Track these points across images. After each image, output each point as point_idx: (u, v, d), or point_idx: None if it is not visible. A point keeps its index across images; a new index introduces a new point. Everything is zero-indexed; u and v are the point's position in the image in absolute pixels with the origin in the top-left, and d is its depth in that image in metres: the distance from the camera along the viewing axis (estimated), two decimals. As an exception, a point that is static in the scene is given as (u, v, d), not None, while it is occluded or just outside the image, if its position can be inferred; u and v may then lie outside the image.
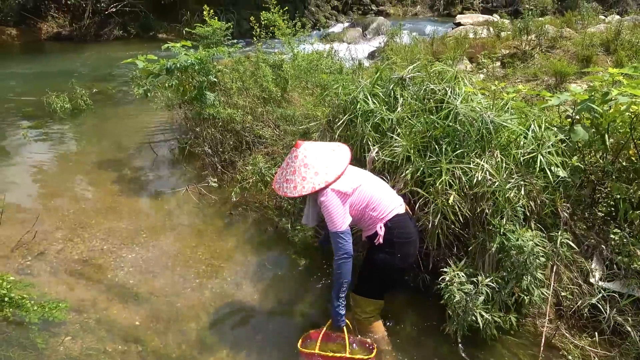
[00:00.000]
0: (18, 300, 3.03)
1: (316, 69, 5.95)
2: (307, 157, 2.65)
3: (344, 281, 2.64)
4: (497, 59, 7.61)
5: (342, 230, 2.61)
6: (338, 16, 17.48)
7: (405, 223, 2.76)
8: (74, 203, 4.57)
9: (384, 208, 2.72)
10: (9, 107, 7.39)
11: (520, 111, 3.36)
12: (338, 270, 2.62)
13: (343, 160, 2.71)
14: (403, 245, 2.74)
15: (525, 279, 2.78)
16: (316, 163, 2.63)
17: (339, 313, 2.70)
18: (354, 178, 2.73)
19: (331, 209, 2.60)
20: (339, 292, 2.66)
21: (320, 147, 2.74)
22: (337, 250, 2.62)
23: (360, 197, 2.70)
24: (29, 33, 12.97)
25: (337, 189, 2.63)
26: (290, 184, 2.65)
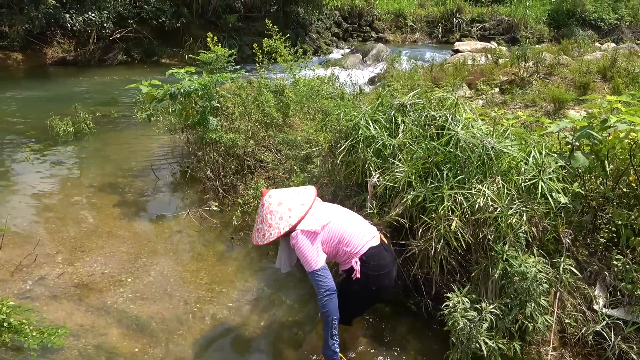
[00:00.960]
0: (17, 326, 3.00)
1: (317, 94, 6.04)
2: (272, 204, 2.73)
3: (333, 318, 2.63)
4: (495, 85, 7.72)
5: (318, 268, 2.64)
6: (338, 43, 17.78)
7: (379, 255, 2.77)
8: (75, 227, 4.57)
9: (357, 243, 2.74)
10: (13, 130, 7.44)
11: (520, 137, 3.41)
12: (324, 308, 2.62)
13: (307, 201, 2.77)
14: (377, 278, 2.76)
15: (529, 306, 2.77)
16: (280, 208, 2.71)
17: (335, 351, 2.68)
18: (322, 215, 2.77)
19: (303, 250, 2.65)
20: (331, 331, 2.64)
21: (284, 192, 2.82)
22: (319, 288, 2.63)
23: (332, 233, 2.74)
24: (34, 58, 13.16)
25: (305, 229, 2.68)
26: (260, 232, 2.75)
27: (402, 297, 3.59)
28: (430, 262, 3.05)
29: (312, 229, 2.68)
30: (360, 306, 2.96)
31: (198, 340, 3.24)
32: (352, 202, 3.65)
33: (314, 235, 2.68)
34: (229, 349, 3.19)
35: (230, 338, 3.29)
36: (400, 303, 3.57)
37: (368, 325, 3.38)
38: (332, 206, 2.95)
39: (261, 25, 14.42)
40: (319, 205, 2.85)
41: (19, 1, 11.77)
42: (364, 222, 2.92)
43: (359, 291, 2.77)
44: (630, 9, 19.59)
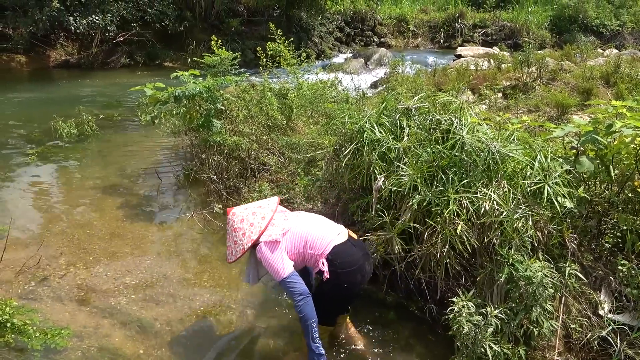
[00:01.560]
0: (20, 326, 3.00)
1: (320, 98, 6.05)
2: (235, 222, 2.84)
3: (312, 322, 2.66)
4: (498, 90, 7.73)
5: (287, 275, 2.68)
6: (341, 47, 17.81)
7: (347, 252, 2.78)
8: (79, 228, 4.57)
9: (320, 243, 2.77)
10: (17, 132, 7.46)
11: (525, 142, 3.41)
12: (302, 313, 2.65)
13: (267, 213, 2.85)
14: (348, 274, 2.76)
15: (535, 311, 2.75)
16: (242, 225, 2.81)
17: (321, 353, 2.69)
18: (282, 224, 2.84)
19: (268, 260, 2.72)
20: (312, 334, 2.67)
21: (247, 208, 2.92)
22: (292, 295, 2.67)
23: (294, 239, 2.80)
24: (37, 60, 13.20)
25: (267, 240, 2.75)
26: (229, 250, 2.87)
27: (405, 301, 3.58)
28: (435, 266, 3.04)
29: (274, 239, 2.75)
30: (338, 305, 2.94)
31: (202, 343, 3.23)
32: (356, 205, 3.65)
33: (276, 244, 2.75)
34: (233, 352, 3.18)
35: (235, 341, 3.28)
36: (404, 307, 3.56)
37: (372, 329, 3.37)
38: (295, 214, 3.01)
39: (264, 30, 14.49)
40: (281, 215, 2.92)
41: (24, 4, 11.82)
42: (327, 222, 2.96)
43: (332, 289, 2.78)
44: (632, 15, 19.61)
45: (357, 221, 3.74)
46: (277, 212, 2.95)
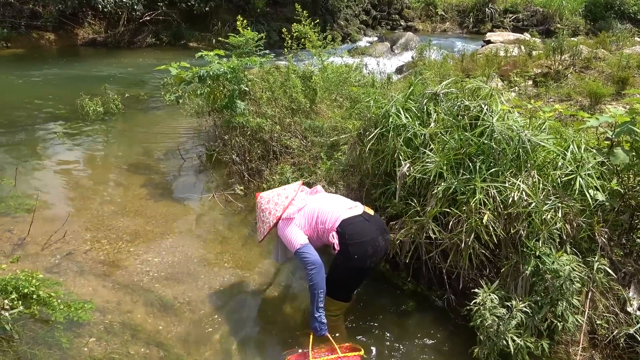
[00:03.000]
0: (45, 299, 3.06)
1: (345, 81, 5.96)
2: (263, 204, 3.08)
3: (319, 292, 2.75)
4: (529, 77, 7.50)
5: (300, 245, 2.82)
6: (367, 30, 17.55)
7: (355, 225, 2.85)
8: (103, 205, 4.63)
9: (330, 217, 2.89)
10: (45, 108, 7.59)
11: (557, 131, 3.29)
12: (311, 282, 2.75)
13: (290, 194, 3.08)
14: (356, 246, 2.80)
15: (560, 305, 2.68)
16: (269, 205, 3.04)
17: (322, 322, 2.79)
18: (299, 203, 3.02)
19: (283, 234, 2.92)
20: (317, 303, 2.76)
21: (273, 191, 3.16)
22: (305, 264, 2.77)
23: (308, 215, 2.96)
24: (65, 38, 13.38)
25: (284, 217, 2.97)
26: (259, 230, 3.13)
27: (426, 290, 3.54)
28: (459, 256, 2.98)
29: (289, 216, 2.95)
30: (350, 278, 2.98)
31: (220, 323, 3.25)
32: (380, 191, 3.59)
33: (290, 220, 2.94)
34: (251, 333, 3.20)
35: (253, 322, 3.30)
36: (424, 296, 3.52)
37: (392, 318, 3.34)
38: (315, 194, 3.20)
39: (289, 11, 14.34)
40: (302, 195, 3.12)
41: (53, -19, 11.94)
42: (341, 199, 3.07)
43: (343, 262, 2.84)
44: (673, 2, 18.76)
45: (379, 207, 3.69)
46: (301, 192, 3.16)
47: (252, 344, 3.10)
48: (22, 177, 4.98)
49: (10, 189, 4.71)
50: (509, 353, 2.67)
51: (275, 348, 3.06)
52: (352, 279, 3.00)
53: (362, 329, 3.23)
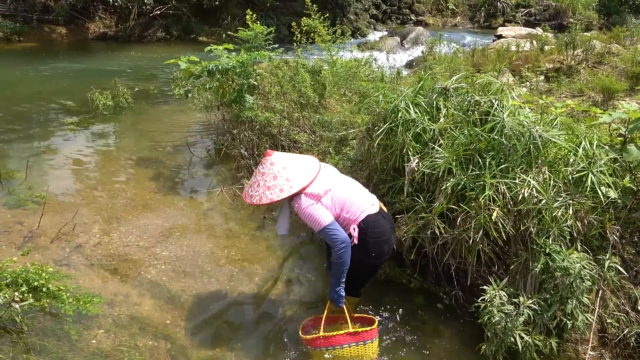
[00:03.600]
0: (55, 292, 3.09)
1: (354, 76, 5.93)
2: (275, 166, 2.76)
3: (345, 268, 2.71)
4: (540, 72, 7.40)
5: (328, 223, 2.68)
6: (376, 25, 17.42)
7: (378, 222, 2.80)
8: (112, 198, 4.66)
9: (357, 210, 2.78)
10: (56, 102, 7.64)
11: (568, 127, 3.24)
12: (340, 259, 2.67)
13: (314, 165, 2.84)
14: (376, 245, 2.79)
15: (570, 303, 2.65)
16: (285, 173, 2.74)
17: (341, 295, 2.78)
18: (325, 181, 2.80)
19: (308, 210, 2.70)
20: (340, 277, 2.74)
21: (289, 156, 2.86)
22: (334, 243, 2.67)
23: (334, 200, 2.78)
24: (77, 32, 13.45)
25: (309, 192, 2.72)
26: (255, 191, 2.77)
27: (433, 287, 3.52)
28: (467, 253, 2.95)
29: (316, 192, 2.73)
30: (364, 274, 3.00)
31: (228, 317, 3.27)
32: (388, 186, 3.57)
33: (317, 198, 2.74)
34: (258, 327, 3.20)
35: (260, 316, 3.31)
36: (432, 293, 3.50)
37: (400, 314, 3.33)
38: (331, 170, 2.98)
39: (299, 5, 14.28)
40: (326, 174, 2.89)
41: (64, -25, 11.99)
42: (364, 190, 2.96)
43: (359, 259, 2.78)
44: (690, -4, 18.38)
45: (387, 202, 3.67)
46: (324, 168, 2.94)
47: (259, 337, 3.11)
48: (33, 170, 5.03)
49: (21, 181, 4.75)
50: (517, 351, 2.65)
51: (282, 342, 3.07)
52: (366, 275, 3.02)
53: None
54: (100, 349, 2.82)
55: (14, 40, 12.22)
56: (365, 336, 2.75)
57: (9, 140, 5.97)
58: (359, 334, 2.73)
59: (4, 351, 2.58)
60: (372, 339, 2.77)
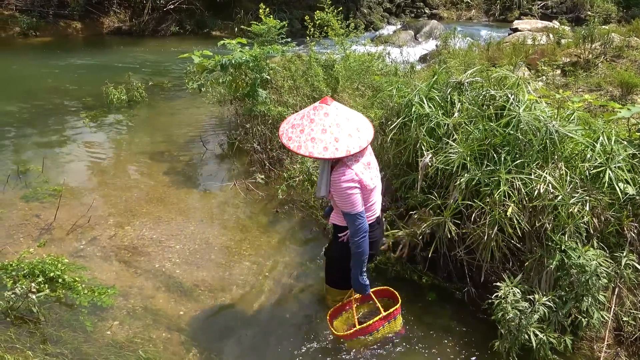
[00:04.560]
0: (70, 283, 3.15)
1: (367, 70, 5.89)
2: (339, 116, 2.40)
3: (364, 257, 2.64)
4: (557, 66, 7.28)
5: (360, 211, 2.51)
6: (390, 18, 17.29)
7: (374, 233, 2.75)
8: (127, 191, 4.71)
9: (370, 216, 2.68)
10: (71, 96, 7.74)
11: (585, 122, 3.19)
12: (359, 248, 2.58)
13: (370, 128, 2.53)
14: None
15: (586, 301, 2.61)
16: (348, 125, 2.40)
17: (365, 284, 2.74)
18: (375, 173, 2.64)
19: (350, 191, 2.45)
20: (362, 266, 2.67)
21: (349, 112, 2.51)
22: (358, 231, 2.53)
23: (366, 197, 2.60)
24: (91, 27, 13.57)
25: (360, 174, 2.47)
26: (321, 143, 2.36)
27: (445, 284, 3.50)
28: (481, 249, 2.92)
29: (366, 184, 2.50)
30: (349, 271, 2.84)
31: (240, 310, 3.28)
32: (401, 181, 3.55)
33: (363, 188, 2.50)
34: (270, 321, 3.22)
35: (272, 310, 3.31)
36: (443, 289, 3.48)
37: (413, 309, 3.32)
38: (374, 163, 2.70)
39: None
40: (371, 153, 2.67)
41: (80, -30, 12.08)
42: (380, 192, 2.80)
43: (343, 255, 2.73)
44: None
45: (400, 197, 3.66)
46: None
47: (271, 331, 3.12)
48: (49, 164, 5.10)
49: (37, 175, 4.82)
50: (531, 348, 2.62)
51: (294, 336, 3.07)
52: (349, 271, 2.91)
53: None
54: (115, 340, 2.86)
55: (30, 35, 12.37)
56: (395, 313, 2.88)
57: (26, 135, 6.07)
58: (390, 314, 2.85)
59: (21, 341, 2.63)
60: (399, 314, 2.94)
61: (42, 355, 2.59)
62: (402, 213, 3.65)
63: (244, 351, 2.96)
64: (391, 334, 2.97)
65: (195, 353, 2.89)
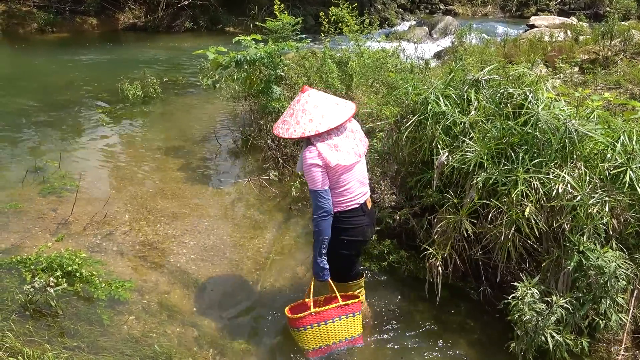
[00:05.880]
0: (88, 277, 3.18)
1: (382, 67, 5.85)
2: (308, 103, 2.63)
3: (324, 238, 2.67)
4: (575, 64, 7.17)
5: (323, 189, 2.61)
6: (404, 14, 17.19)
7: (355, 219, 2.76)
8: (142, 187, 4.75)
9: (346, 200, 2.72)
10: (87, 91, 7.82)
11: (605, 121, 3.13)
12: (318, 227, 2.65)
13: (342, 116, 2.61)
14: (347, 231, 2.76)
15: (604, 303, 2.58)
16: (315, 111, 2.59)
17: (323, 268, 2.75)
18: (344, 155, 2.63)
19: (312, 169, 2.58)
20: (320, 249, 2.70)
21: (325, 97, 2.69)
22: (317, 208, 2.63)
23: (337, 178, 2.65)
24: (107, 23, 13.71)
25: (324, 154, 2.57)
26: (285, 125, 2.66)
27: (460, 283, 3.47)
28: (498, 249, 2.89)
29: (328, 160, 2.56)
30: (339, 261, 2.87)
31: (253, 307, 3.30)
32: (416, 180, 3.53)
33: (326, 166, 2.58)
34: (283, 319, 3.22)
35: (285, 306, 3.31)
36: (458, 288, 3.46)
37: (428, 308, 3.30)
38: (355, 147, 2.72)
39: (326, -5, 14.16)
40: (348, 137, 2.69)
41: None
42: (365, 179, 2.85)
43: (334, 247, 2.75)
44: None
45: (415, 196, 3.63)
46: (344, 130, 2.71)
47: (284, 329, 3.12)
48: (66, 158, 5.16)
49: (54, 170, 4.88)
50: (547, 350, 2.59)
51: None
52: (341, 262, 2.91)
53: (392, 319, 3.21)
54: (131, 335, 2.88)
55: (47, 31, 12.53)
56: (354, 308, 2.83)
57: (44, 130, 6.14)
58: (348, 306, 2.81)
59: (40, 334, 2.66)
60: (359, 312, 2.86)
61: (60, 348, 2.62)
62: (417, 212, 3.63)
63: (257, 348, 2.97)
64: (348, 340, 2.86)
65: (208, 349, 2.91)
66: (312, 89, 2.72)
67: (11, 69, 9.50)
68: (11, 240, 3.66)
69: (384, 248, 3.68)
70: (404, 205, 3.72)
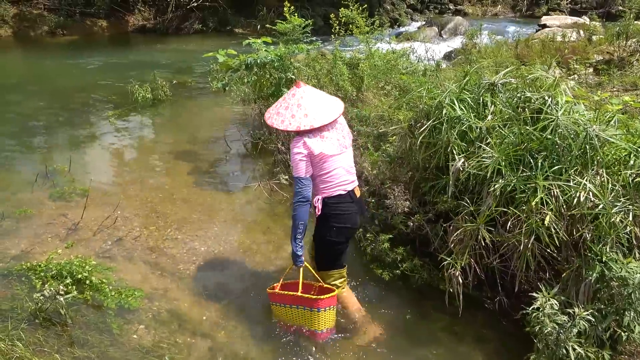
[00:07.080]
0: (97, 285, 3.15)
1: (392, 69, 5.79)
2: (304, 99, 2.79)
3: (299, 223, 2.78)
4: (589, 65, 7.05)
5: (304, 177, 2.76)
6: (414, 15, 17.09)
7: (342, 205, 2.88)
8: (152, 191, 4.72)
9: (332, 186, 2.85)
10: (97, 94, 7.83)
11: (625, 125, 3.03)
12: (295, 212, 2.77)
13: (334, 112, 2.82)
14: (336, 217, 2.87)
15: (627, 315, 2.49)
16: (309, 106, 2.76)
17: (297, 254, 2.86)
18: (328, 145, 2.79)
19: (297, 157, 2.75)
20: (295, 234, 2.81)
21: (319, 94, 2.88)
22: (296, 194, 2.77)
23: (321, 165, 2.80)
24: (117, 25, 13.77)
25: (309, 143, 2.74)
26: (280, 117, 2.80)
27: (475, 292, 3.39)
28: (516, 258, 2.81)
29: (312, 149, 2.73)
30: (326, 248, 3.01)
31: (265, 314, 3.24)
32: (430, 185, 3.46)
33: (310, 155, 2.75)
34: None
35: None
36: (473, 297, 3.37)
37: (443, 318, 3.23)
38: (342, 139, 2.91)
39: (335, -4, 14.11)
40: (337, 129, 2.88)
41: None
42: (352, 167, 2.98)
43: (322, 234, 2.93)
44: None
45: (429, 202, 3.56)
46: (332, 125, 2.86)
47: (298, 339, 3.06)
48: (75, 162, 5.15)
49: (65, 173, 4.87)
50: (568, 363, 2.51)
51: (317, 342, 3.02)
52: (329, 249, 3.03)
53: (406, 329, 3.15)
54: (142, 345, 2.84)
55: (58, 33, 12.60)
56: (314, 304, 2.85)
57: (54, 132, 6.16)
58: (305, 299, 2.86)
59: (49, 344, 2.63)
60: (325, 308, 2.88)
61: (70, 358, 2.59)
62: (431, 218, 3.55)
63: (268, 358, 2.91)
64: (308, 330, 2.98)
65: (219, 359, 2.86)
66: (306, 85, 2.88)
67: (22, 72, 9.56)
68: (21, 246, 3.64)
69: (397, 255, 3.61)
70: (417, 211, 3.64)
